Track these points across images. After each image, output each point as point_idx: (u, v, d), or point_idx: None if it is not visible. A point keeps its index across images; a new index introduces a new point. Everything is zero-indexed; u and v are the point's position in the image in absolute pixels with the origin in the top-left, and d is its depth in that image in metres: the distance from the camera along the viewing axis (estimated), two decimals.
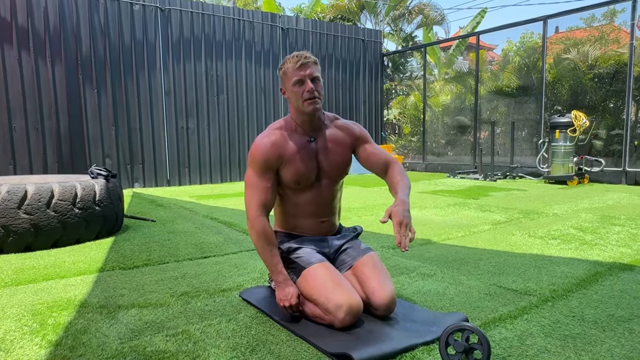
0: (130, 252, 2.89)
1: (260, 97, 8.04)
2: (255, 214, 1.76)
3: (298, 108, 1.80)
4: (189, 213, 4.44)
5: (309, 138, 1.85)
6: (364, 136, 1.96)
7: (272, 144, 1.79)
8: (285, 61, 1.79)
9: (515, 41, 9.89)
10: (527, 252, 2.79)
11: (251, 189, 1.79)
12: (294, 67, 1.74)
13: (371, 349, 1.46)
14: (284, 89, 1.84)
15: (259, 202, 1.77)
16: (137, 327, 1.71)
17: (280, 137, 1.81)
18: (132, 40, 6.71)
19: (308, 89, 1.74)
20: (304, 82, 1.74)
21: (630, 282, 2.19)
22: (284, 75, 1.79)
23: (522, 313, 1.82)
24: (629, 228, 3.44)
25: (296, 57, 1.75)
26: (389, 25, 13.67)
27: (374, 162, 1.94)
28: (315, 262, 1.77)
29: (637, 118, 7.05)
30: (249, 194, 1.80)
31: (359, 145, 1.94)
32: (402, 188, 1.81)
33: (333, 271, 1.74)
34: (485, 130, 8.96)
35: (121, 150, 6.75)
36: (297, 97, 1.76)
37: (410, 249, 2.93)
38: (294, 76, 1.74)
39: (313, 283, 1.70)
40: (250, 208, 1.78)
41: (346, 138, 1.91)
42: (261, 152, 1.78)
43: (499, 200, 5.10)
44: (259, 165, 1.78)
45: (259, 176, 1.79)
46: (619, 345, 1.53)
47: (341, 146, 1.90)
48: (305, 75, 1.74)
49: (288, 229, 1.94)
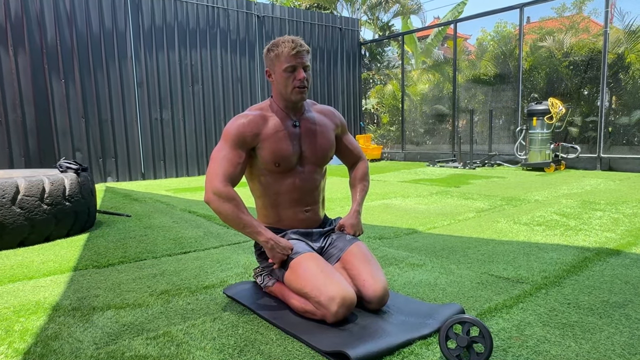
0: (104, 249, 2.73)
1: (237, 87, 7.84)
2: (220, 184, 1.63)
3: (284, 94, 1.74)
4: (165, 207, 4.27)
5: (292, 122, 1.79)
6: (344, 124, 1.98)
7: (249, 121, 1.71)
8: (277, 43, 1.70)
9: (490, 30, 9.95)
10: (514, 239, 2.77)
11: (218, 160, 1.67)
12: (289, 53, 1.66)
13: (367, 345, 1.38)
14: (270, 72, 1.76)
15: (226, 173, 1.65)
16: (114, 330, 1.59)
17: (259, 117, 1.74)
18: (100, 28, 6.42)
19: (300, 77, 1.68)
20: (296, 70, 1.69)
21: (619, 267, 2.18)
22: (275, 58, 1.70)
23: (517, 302, 1.77)
24: (609, 213, 3.47)
25: (292, 42, 1.67)
26: (365, 14, 13.55)
27: (349, 154, 1.99)
28: (302, 252, 1.68)
29: (611, 105, 7.18)
30: (215, 166, 1.67)
31: (338, 135, 1.94)
32: (360, 196, 1.95)
33: (322, 262, 1.66)
34: (464, 119, 9.00)
35: (92, 143, 6.48)
36: (286, 83, 1.70)
37: (397, 239, 2.87)
38: (287, 62, 1.67)
39: (303, 275, 1.61)
40: (214, 179, 1.64)
41: (330, 123, 1.89)
42: (236, 127, 1.70)
43: (480, 187, 5.11)
44: (232, 139, 1.69)
45: (231, 149, 1.69)
46: (618, 332, 1.50)
47: (325, 129, 1.86)
48: (299, 63, 1.68)
49: (271, 222, 1.84)
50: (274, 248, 1.65)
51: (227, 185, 1.64)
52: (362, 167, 2.01)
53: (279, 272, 1.74)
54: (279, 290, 1.79)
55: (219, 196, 1.62)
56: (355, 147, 2.02)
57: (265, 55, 1.75)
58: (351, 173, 2.03)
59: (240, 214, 1.63)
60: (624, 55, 6.87)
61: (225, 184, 1.63)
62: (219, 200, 1.62)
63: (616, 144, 6.99)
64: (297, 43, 1.68)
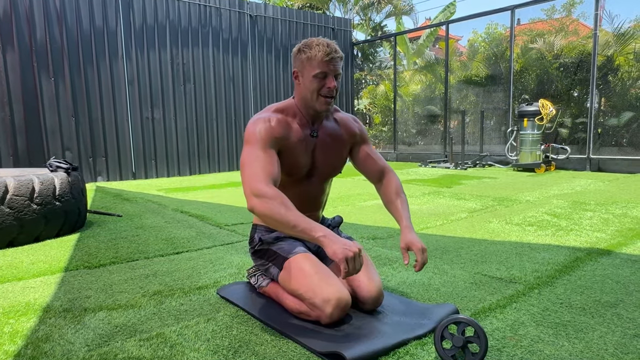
0: (95, 250, 2.70)
1: (229, 87, 7.81)
2: (262, 184, 1.45)
3: (308, 101, 1.63)
4: (157, 207, 4.24)
5: (311, 131, 1.70)
6: (363, 135, 1.83)
7: (277, 124, 1.60)
8: (310, 45, 1.57)
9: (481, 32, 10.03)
10: (506, 240, 2.79)
11: (252, 163, 1.51)
12: (322, 58, 1.55)
13: (362, 346, 1.38)
14: (298, 74, 1.63)
15: (265, 172, 1.49)
16: (107, 331, 1.57)
17: (284, 121, 1.63)
18: (91, 26, 6.35)
19: (331, 86, 1.58)
20: (327, 77, 1.58)
21: (610, 266, 2.21)
22: (307, 60, 1.58)
23: (511, 302, 1.78)
24: (600, 213, 3.50)
25: (327, 47, 1.56)
26: (357, 15, 13.57)
27: (369, 167, 1.83)
28: (298, 252, 1.67)
29: (600, 107, 7.27)
30: (250, 170, 1.49)
31: (356, 145, 1.82)
32: (405, 210, 1.72)
33: (317, 262, 1.64)
34: (455, 120, 9.06)
35: (82, 142, 6.40)
36: (313, 89, 1.59)
37: (390, 239, 2.87)
38: (319, 67, 1.56)
39: (298, 276, 1.59)
40: (253, 181, 1.46)
41: (344, 136, 1.78)
42: (265, 129, 1.57)
43: (472, 188, 5.14)
44: (263, 140, 1.55)
45: (262, 150, 1.54)
46: (610, 332, 1.51)
47: (339, 144, 1.76)
48: (332, 71, 1.57)
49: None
50: (336, 243, 1.36)
51: (269, 184, 1.47)
52: (394, 180, 1.81)
53: (274, 272, 1.72)
54: (273, 290, 1.78)
55: (263, 198, 1.43)
56: (378, 158, 1.84)
57: (296, 55, 1.63)
58: (381, 189, 1.82)
59: (288, 212, 1.41)
60: (613, 57, 6.96)
61: (266, 183, 1.47)
62: (265, 203, 1.42)
63: (605, 145, 7.07)
64: (332, 48, 1.57)
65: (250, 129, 1.58)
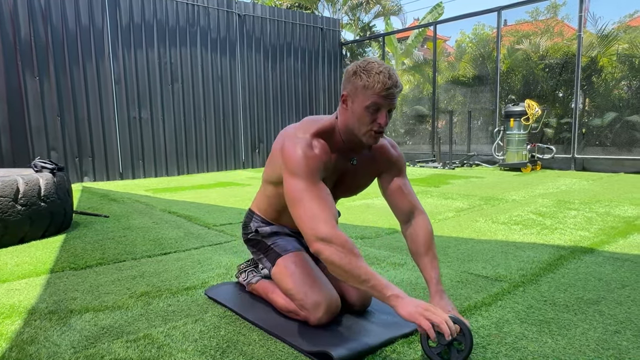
0: (82, 251, 2.68)
1: (217, 86, 7.77)
2: (328, 227, 1.32)
3: (354, 131, 1.45)
4: (145, 207, 4.21)
5: (351, 160, 1.57)
6: (399, 165, 1.65)
7: (322, 150, 1.46)
8: (369, 71, 1.37)
9: (469, 32, 10.13)
10: (492, 238, 2.82)
11: (309, 200, 1.36)
12: (380, 91, 1.36)
13: (350, 345, 1.39)
14: (348, 98, 1.44)
15: (329, 214, 1.35)
16: (93, 333, 1.56)
17: (326, 149, 1.48)
18: (77, 24, 6.27)
19: (382, 122, 1.40)
20: (379, 111, 1.40)
21: (593, 264, 2.25)
22: (362, 88, 1.38)
23: (496, 300, 1.81)
24: (584, 212, 3.57)
25: (387, 78, 1.36)
26: (346, 15, 13.61)
27: (398, 202, 1.63)
28: (292, 250, 1.67)
29: (585, 107, 7.39)
30: (308, 209, 1.35)
31: (388, 174, 1.64)
32: (435, 269, 1.53)
33: (310, 263, 1.65)
34: (443, 120, 9.13)
35: (68, 142, 6.32)
36: (362, 121, 1.42)
37: (378, 238, 2.89)
38: (374, 99, 1.38)
39: (290, 275, 1.60)
40: (316, 224, 1.32)
41: (379, 163, 1.62)
42: (314, 158, 1.42)
43: (459, 187, 5.19)
44: (312, 172, 1.40)
45: (314, 185, 1.39)
46: (592, 328, 1.54)
47: (372, 171, 1.63)
48: (387, 105, 1.40)
49: (268, 218, 1.78)
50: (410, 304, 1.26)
51: (335, 227, 1.34)
52: (425, 226, 1.60)
53: (267, 265, 1.71)
54: (262, 288, 1.79)
55: (330, 244, 1.30)
56: (409, 194, 1.64)
57: (350, 77, 1.42)
58: (408, 233, 1.62)
59: (359, 262, 1.29)
60: (596, 58, 7.08)
61: (332, 226, 1.33)
62: (333, 250, 1.29)
63: (589, 145, 7.20)
64: (394, 81, 1.38)
65: (291, 153, 1.42)
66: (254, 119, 8.35)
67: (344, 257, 1.28)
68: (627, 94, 6.99)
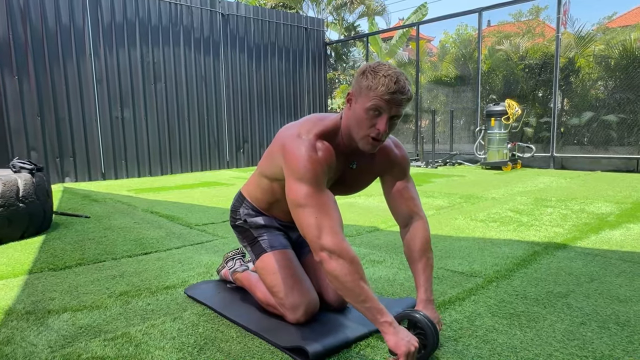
0: (61, 252, 2.66)
1: (201, 86, 7.74)
2: (337, 239, 1.28)
3: (353, 133, 1.39)
4: (127, 208, 4.19)
5: (350, 164, 1.52)
6: (401, 167, 1.57)
7: (326, 153, 1.38)
8: (376, 72, 1.30)
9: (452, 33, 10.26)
10: (470, 236, 2.88)
11: (319, 208, 1.31)
12: (384, 93, 1.28)
13: (325, 340, 1.42)
14: (353, 98, 1.37)
15: (336, 224, 1.31)
16: (71, 332, 1.56)
17: (330, 151, 1.40)
18: (57, 23, 6.19)
19: (381, 128, 1.32)
20: (380, 117, 1.32)
21: (565, 259, 2.32)
22: (366, 89, 1.31)
23: (470, 294, 1.86)
24: (559, 209, 3.66)
25: (394, 82, 1.28)
26: (331, 14, 13.65)
27: (398, 205, 1.57)
28: (278, 248, 1.66)
29: (563, 107, 7.55)
30: (313, 215, 1.30)
31: (389, 175, 1.57)
32: (427, 278, 1.49)
33: (294, 262, 1.65)
34: (426, 119, 9.23)
35: (49, 142, 6.24)
36: (361, 124, 1.34)
37: (359, 236, 2.93)
38: (375, 101, 1.30)
39: (272, 273, 1.61)
40: (325, 233, 1.28)
41: (379, 165, 1.56)
42: (319, 162, 1.35)
43: (441, 186, 5.26)
44: (318, 177, 1.34)
45: (320, 190, 1.34)
46: (559, 320, 1.60)
47: (372, 173, 1.57)
48: (388, 111, 1.31)
49: (260, 207, 1.74)
50: (399, 334, 1.25)
51: (342, 239, 1.30)
52: (422, 232, 1.55)
53: (251, 256, 1.72)
54: (246, 278, 1.81)
55: (337, 257, 1.26)
56: (410, 198, 1.58)
57: (358, 76, 1.35)
58: (405, 238, 1.57)
59: (362, 282, 1.27)
60: (574, 59, 7.23)
61: (339, 238, 1.29)
62: (336, 261, 1.26)
63: (568, 143, 7.36)
64: (400, 86, 1.29)
65: (296, 156, 1.35)
66: (239, 119, 8.34)
67: (348, 274, 1.25)
68: (603, 94, 7.17)
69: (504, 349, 1.40)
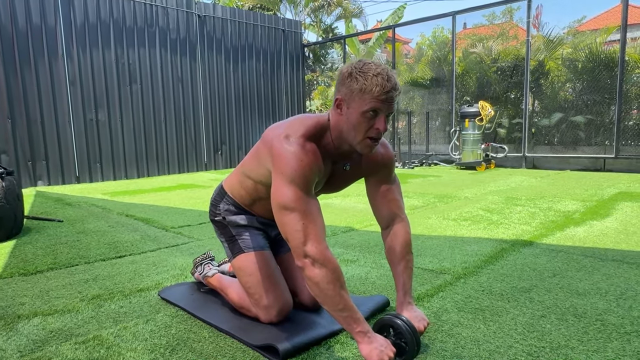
0: (32, 256, 2.62)
1: (178, 87, 7.68)
2: (321, 247, 1.29)
3: (350, 138, 1.36)
4: (101, 211, 4.14)
5: (343, 165, 1.51)
6: (387, 168, 1.57)
7: (314, 155, 1.35)
8: (366, 73, 1.28)
9: (428, 35, 10.44)
10: (442, 234, 2.96)
11: (306, 214, 1.29)
12: (379, 94, 1.27)
13: (296, 338, 1.45)
14: (343, 102, 1.33)
15: (321, 231, 1.32)
16: (41, 337, 1.56)
17: (318, 154, 1.37)
18: (27, 23, 6.06)
19: (380, 127, 1.31)
20: (377, 117, 1.31)
21: (530, 256, 2.41)
22: (359, 92, 1.28)
23: (438, 291, 1.92)
24: (528, 208, 3.78)
25: (386, 80, 1.28)
26: (309, 16, 13.70)
27: (379, 206, 1.58)
28: (255, 249, 1.66)
29: (534, 108, 7.77)
30: (301, 222, 1.29)
31: (374, 176, 1.57)
32: (407, 280, 1.52)
33: (270, 263, 1.66)
34: (403, 120, 9.36)
35: (20, 145, 6.10)
36: (359, 128, 1.32)
37: (334, 236, 2.98)
38: (372, 104, 1.28)
39: (249, 274, 1.62)
40: (310, 240, 1.28)
41: (366, 166, 1.55)
42: (308, 165, 1.32)
43: (416, 186, 5.36)
44: (307, 181, 1.31)
45: (308, 195, 1.32)
46: (521, 314, 1.67)
47: (358, 174, 1.57)
48: (385, 110, 1.30)
49: (241, 203, 1.71)
50: (373, 343, 1.27)
51: (325, 247, 1.30)
52: (403, 233, 1.56)
53: (228, 254, 1.71)
54: (218, 281, 1.82)
55: (320, 265, 1.27)
56: (393, 200, 1.57)
57: (345, 79, 1.32)
58: (386, 239, 1.58)
59: (342, 291, 1.28)
60: (544, 62, 7.46)
61: (323, 246, 1.29)
62: (319, 269, 1.27)
63: (539, 144, 7.58)
64: (392, 83, 1.28)
65: (285, 158, 1.31)
66: (216, 121, 8.30)
67: (330, 283, 1.26)
68: (571, 95, 7.41)
69: (467, 342, 1.47)
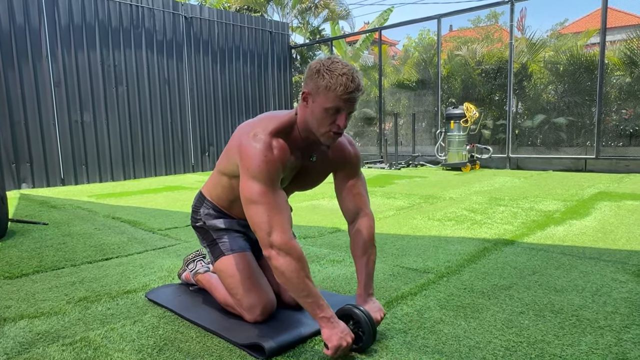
0: (17, 259, 2.61)
1: (164, 89, 7.65)
2: (286, 237, 1.36)
3: (313, 130, 1.45)
4: (87, 214, 4.11)
5: (310, 156, 1.58)
6: (353, 163, 1.65)
7: (281, 150, 1.43)
8: (333, 71, 1.36)
9: (414, 38, 10.54)
10: (427, 234, 3.01)
11: (266, 205, 1.37)
12: (341, 94, 1.35)
13: (281, 336, 1.48)
14: (309, 96, 1.42)
15: (286, 222, 1.39)
16: (27, 339, 1.56)
17: (286, 148, 1.45)
18: (10, 24, 5.99)
19: (341, 124, 1.41)
20: (339, 113, 1.40)
21: (511, 254, 2.47)
22: (324, 89, 1.36)
23: (421, 290, 1.97)
24: (511, 207, 3.86)
25: (350, 81, 1.35)
26: (296, 18, 13.74)
27: (346, 201, 1.65)
28: (236, 251, 1.69)
29: (518, 110, 7.91)
30: (264, 212, 1.36)
31: (342, 171, 1.65)
32: (367, 274, 1.58)
33: (252, 264, 1.69)
34: (390, 122, 9.44)
35: (3, 147, 6.02)
36: (322, 122, 1.41)
37: (321, 237, 3.01)
38: (334, 102, 1.37)
39: (231, 276, 1.65)
40: (275, 231, 1.35)
41: (337, 160, 1.63)
42: (273, 161, 1.40)
43: (402, 187, 5.42)
44: (272, 176, 1.39)
45: (273, 189, 1.39)
46: (501, 311, 1.73)
47: (328, 168, 1.64)
48: (346, 108, 1.40)
49: (220, 205, 1.75)
50: (335, 328, 1.36)
51: (291, 237, 1.38)
52: (366, 228, 1.61)
53: (210, 258, 1.74)
54: (207, 280, 1.85)
55: (285, 255, 1.35)
56: (358, 195, 1.64)
57: (312, 75, 1.39)
58: (351, 232, 1.64)
59: (306, 279, 1.37)
60: (527, 65, 7.59)
61: (288, 236, 1.37)
62: (284, 257, 1.35)
63: (522, 145, 7.71)
64: (356, 84, 1.37)
65: (250, 155, 1.39)
66: (203, 123, 8.28)
67: (294, 271, 1.34)
68: (554, 97, 7.56)
69: (448, 338, 1.51)
